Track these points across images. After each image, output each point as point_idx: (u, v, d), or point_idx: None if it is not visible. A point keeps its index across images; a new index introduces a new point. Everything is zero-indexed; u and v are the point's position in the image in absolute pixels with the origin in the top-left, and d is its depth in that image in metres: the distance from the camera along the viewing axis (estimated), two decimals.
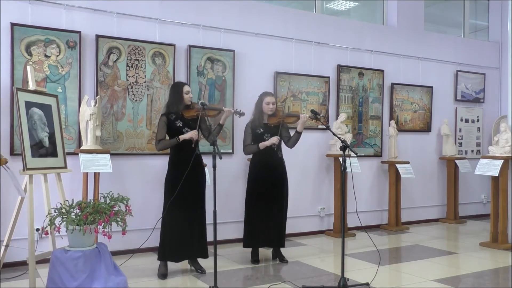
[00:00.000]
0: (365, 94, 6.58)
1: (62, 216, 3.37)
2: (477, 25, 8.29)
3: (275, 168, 4.62)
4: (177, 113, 4.21)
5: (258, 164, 4.63)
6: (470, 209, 7.64)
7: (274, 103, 4.65)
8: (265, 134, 4.60)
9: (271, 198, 4.58)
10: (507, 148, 5.56)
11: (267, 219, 4.56)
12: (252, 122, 4.67)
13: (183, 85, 4.28)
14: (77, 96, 4.71)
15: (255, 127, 4.63)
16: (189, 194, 4.15)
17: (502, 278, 4.32)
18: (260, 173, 4.59)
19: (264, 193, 4.56)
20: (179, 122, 4.19)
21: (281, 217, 4.65)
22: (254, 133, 4.62)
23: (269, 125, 4.65)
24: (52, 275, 3.31)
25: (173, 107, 4.21)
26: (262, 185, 4.56)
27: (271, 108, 4.62)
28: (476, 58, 7.67)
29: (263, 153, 4.57)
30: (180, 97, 4.21)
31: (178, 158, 4.17)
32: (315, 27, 6.19)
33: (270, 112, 4.65)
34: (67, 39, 4.66)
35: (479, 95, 7.76)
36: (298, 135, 4.60)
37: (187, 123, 4.21)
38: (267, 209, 4.56)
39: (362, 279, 4.03)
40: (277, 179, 4.62)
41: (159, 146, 4.21)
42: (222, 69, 5.50)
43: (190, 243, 4.18)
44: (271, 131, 4.61)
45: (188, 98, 4.24)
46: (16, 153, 4.38)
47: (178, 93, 4.22)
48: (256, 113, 4.68)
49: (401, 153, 6.72)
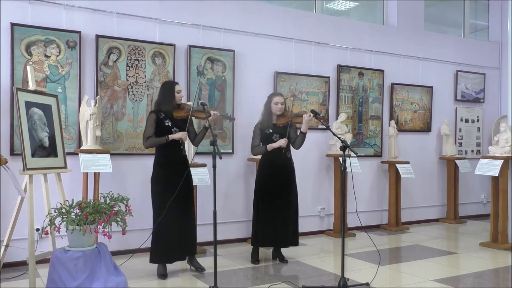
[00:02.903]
0: (365, 94, 6.58)
1: (62, 216, 3.37)
2: (477, 25, 8.29)
3: (283, 168, 4.61)
4: (167, 112, 4.14)
5: (266, 164, 4.62)
6: (470, 209, 7.63)
7: (282, 103, 4.64)
8: (274, 134, 4.60)
9: (280, 198, 4.57)
10: (507, 148, 5.56)
11: (276, 218, 4.55)
12: (261, 123, 4.67)
13: (174, 84, 4.24)
14: (77, 96, 4.71)
15: (264, 128, 4.63)
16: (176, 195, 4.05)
17: (502, 278, 4.32)
18: (269, 173, 4.59)
19: (273, 193, 4.56)
20: (168, 121, 4.13)
21: (291, 216, 4.64)
22: (263, 134, 4.62)
23: (278, 125, 4.64)
24: (52, 275, 3.30)
25: (164, 106, 4.14)
26: (270, 185, 4.56)
27: (279, 108, 4.62)
28: (476, 58, 7.67)
29: (272, 154, 4.57)
30: (171, 96, 4.15)
31: (164, 158, 4.14)
32: (315, 27, 6.19)
33: (279, 112, 4.64)
34: (67, 39, 4.66)
35: (479, 95, 7.76)
36: (303, 136, 4.60)
37: (176, 123, 4.15)
38: (277, 209, 4.56)
39: (362, 279, 4.03)
40: (285, 179, 4.62)
41: (147, 144, 4.15)
42: (222, 69, 5.50)
43: (180, 243, 4.14)
44: (279, 131, 4.61)
45: (179, 98, 4.19)
46: (16, 153, 4.38)
47: (170, 92, 4.16)
48: (265, 114, 4.67)
49: (401, 153, 6.72)
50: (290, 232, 4.63)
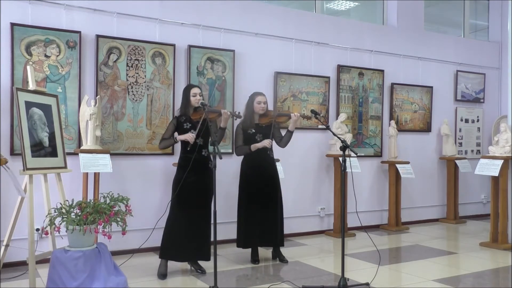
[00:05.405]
0: (365, 94, 6.58)
1: (62, 216, 3.37)
2: (477, 25, 8.29)
3: (266, 168, 4.61)
4: (186, 115, 4.30)
5: (249, 164, 4.62)
6: (470, 209, 7.64)
7: (265, 102, 4.64)
8: (257, 134, 4.60)
9: (264, 198, 4.57)
10: (507, 148, 5.56)
11: (261, 219, 4.55)
12: (243, 122, 4.65)
13: (191, 88, 4.34)
14: (77, 96, 4.71)
15: (246, 128, 4.62)
16: (193, 195, 4.16)
17: (502, 278, 4.32)
18: (252, 174, 4.59)
19: (256, 193, 4.55)
20: (187, 124, 4.27)
21: (276, 216, 4.63)
22: (246, 134, 4.61)
23: (261, 125, 4.64)
24: (52, 275, 3.31)
25: (182, 109, 4.34)
26: (254, 185, 4.56)
27: (262, 107, 4.61)
28: (476, 58, 7.67)
29: (255, 154, 4.58)
30: (187, 100, 4.29)
31: (183, 160, 4.25)
32: (315, 27, 6.19)
33: (262, 112, 4.63)
34: (67, 39, 4.66)
35: (479, 95, 7.76)
36: (290, 134, 4.60)
37: (194, 125, 4.25)
38: (261, 209, 4.55)
39: (362, 279, 4.03)
40: (269, 179, 4.62)
41: (160, 145, 4.39)
42: (222, 69, 5.50)
43: (192, 244, 4.17)
44: (262, 131, 4.61)
45: (195, 101, 4.26)
46: (16, 153, 4.38)
47: (185, 95, 4.32)
48: (247, 114, 4.65)
49: (401, 153, 6.72)
50: (275, 232, 4.61)
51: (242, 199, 4.64)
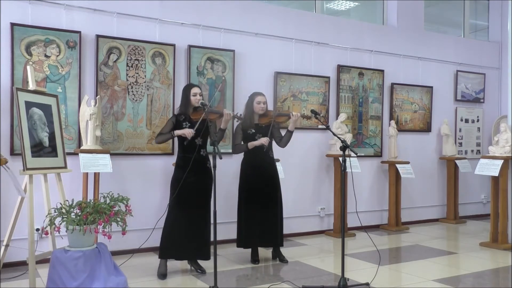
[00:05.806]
0: (365, 94, 6.58)
1: (62, 216, 3.37)
2: (477, 25, 8.29)
3: (266, 168, 4.62)
4: (186, 114, 4.29)
5: (249, 164, 4.63)
6: (470, 209, 7.64)
7: (265, 102, 4.64)
8: (257, 134, 4.60)
9: (264, 198, 4.57)
10: (507, 148, 5.56)
11: (261, 219, 4.55)
12: (243, 122, 4.64)
13: (191, 87, 4.33)
14: (77, 96, 4.71)
15: (246, 128, 4.62)
16: (193, 195, 4.16)
17: (502, 278, 4.32)
18: (252, 174, 4.59)
19: (256, 193, 4.55)
20: (186, 123, 4.26)
21: (275, 216, 4.63)
22: (245, 134, 4.61)
23: (260, 125, 4.64)
24: (52, 275, 3.31)
25: (181, 109, 4.33)
26: (254, 185, 4.56)
27: (262, 107, 4.61)
28: (476, 58, 7.67)
29: (254, 153, 4.58)
30: (187, 99, 4.28)
31: (181, 160, 4.24)
32: (315, 27, 6.19)
33: (261, 112, 4.64)
34: (67, 39, 4.66)
35: (479, 95, 7.76)
36: (290, 134, 4.60)
37: (193, 124, 4.24)
38: (261, 209, 4.55)
39: (362, 279, 4.03)
40: (269, 179, 4.62)
41: (156, 139, 4.37)
42: (222, 69, 5.50)
43: (192, 244, 4.17)
44: (262, 131, 4.61)
45: (195, 100, 4.26)
46: (16, 153, 4.38)
47: (185, 94, 4.31)
48: (246, 114, 4.66)
49: (401, 153, 6.72)
50: (275, 232, 4.61)
51: (242, 199, 4.64)
